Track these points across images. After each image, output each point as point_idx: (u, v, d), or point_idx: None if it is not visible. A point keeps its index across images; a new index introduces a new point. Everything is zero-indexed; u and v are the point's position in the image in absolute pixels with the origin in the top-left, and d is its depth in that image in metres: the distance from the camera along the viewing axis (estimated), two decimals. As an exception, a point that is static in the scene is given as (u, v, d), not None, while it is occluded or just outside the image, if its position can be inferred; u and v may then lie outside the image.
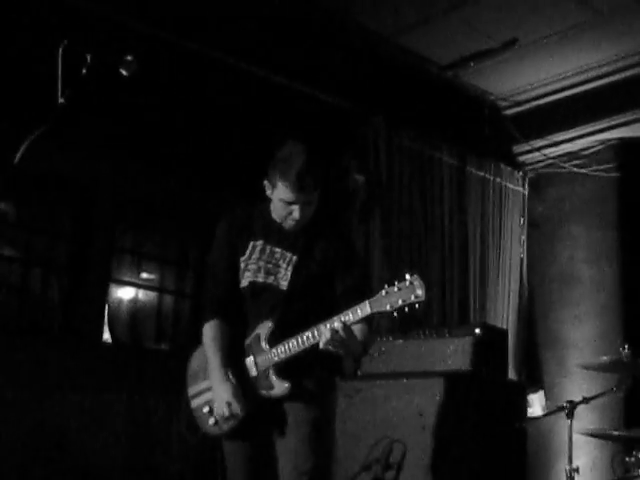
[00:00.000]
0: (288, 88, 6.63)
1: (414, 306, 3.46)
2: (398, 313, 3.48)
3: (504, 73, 7.56)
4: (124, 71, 3.25)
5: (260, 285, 3.91)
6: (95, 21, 5.48)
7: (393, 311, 3.47)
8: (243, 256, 3.97)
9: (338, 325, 3.53)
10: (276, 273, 3.88)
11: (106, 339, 6.40)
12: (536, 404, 7.35)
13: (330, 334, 3.52)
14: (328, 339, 3.53)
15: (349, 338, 3.57)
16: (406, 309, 3.46)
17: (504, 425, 5.55)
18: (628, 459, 5.25)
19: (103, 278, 6.39)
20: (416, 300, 3.44)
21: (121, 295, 6.68)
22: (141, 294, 6.83)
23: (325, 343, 3.54)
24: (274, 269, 3.89)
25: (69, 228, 6.31)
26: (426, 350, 5.74)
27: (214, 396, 3.86)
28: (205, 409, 3.96)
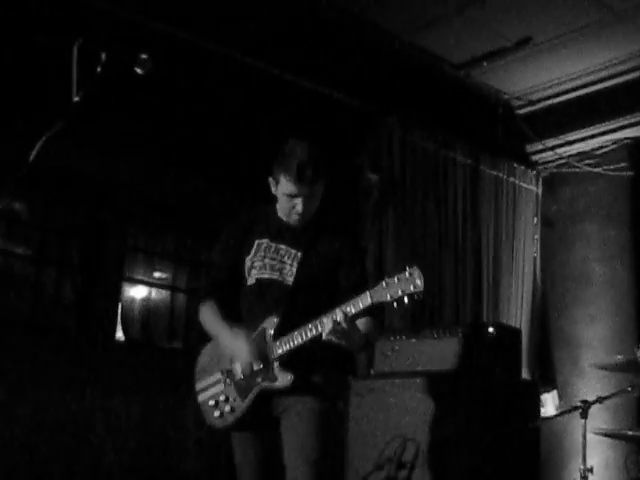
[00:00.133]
0: (302, 88, 6.64)
1: (413, 296, 3.51)
2: (398, 304, 3.53)
3: (518, 72, 7.54)
4: (139, 69, 3.25)
5: (266, 281, 3.96)
6: (110, 19, 5.50)
7: (393, 301, 3.52)
8: (249, 255, 4.03)
9: (340, 316, 3.58)
10: (281, 269, 3.94)
11: (119, 338, 6.43)
12: (549, 404, 7.35)
13: (332, 325, 3.57)
14: (330, 330, 3.58)
15: (351, 329, 3.63)
16: (406, 299, 3.51)
17: (517, 425, 5.54)
18: (642, 459, 5.25)
19: (116, 277, 6.41)
20: (415, 290, 3.48)
21: (134, 294, 6.70)
22: (154, 293, 6.84)
23: (327, 334, 3.59)
24: (279, 265, 3.95)
25: (82, 227, 6.33)
26: (439, 349, 5.74)
27: (234, 356, 3.91)
28: (211, 402, 4.00)
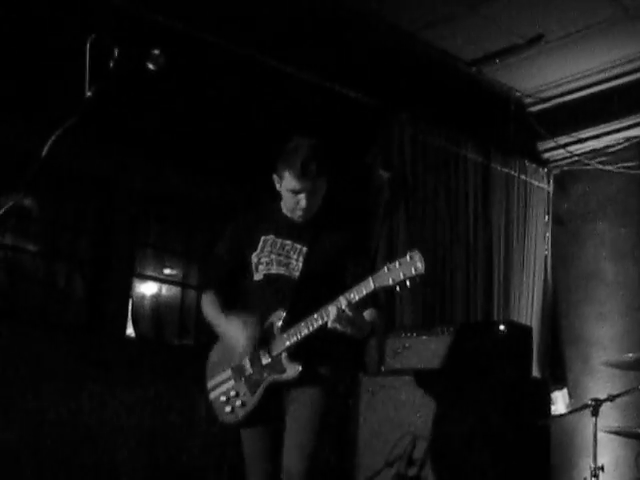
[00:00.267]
0: (314, 85, 6.64)
1: (415, 280, 3.55)
2: (400, 287, 3.58)
3: (529, 70, 7.51)
4: (151, 65, 3.24)
5: (274, 276, 4.01)
6: (123, 15, 5.50)
7: (395, 285, 3.57)
8: (255, 251, 4.07)
9: (344, 303, 3.63)
10: (288, 264, 3.99)
11: (129, 334, 6.44)
12: (560, 402, 7.32)
13: (336, 312, 3.62)
14: (335, 317, 3.62)
15: (355, 316, 3.67)
16: (408, 283, 3.55)
17: (527, 422, 5.54)
18: (652, 458, 5.23)
19: (126, 273, 6.43)
20: (417, 273, 3.53)
21: (144, 290, 6.71)
22: (164, 289, 6.85)
23: (332, 321, 3.64)
24: (286, 260, 4.00)
25: (93, 223, 6.34)
26: (450, 346, 5.73)
27: (233, 342, 3.97)
28: (222, 398, 4.04)
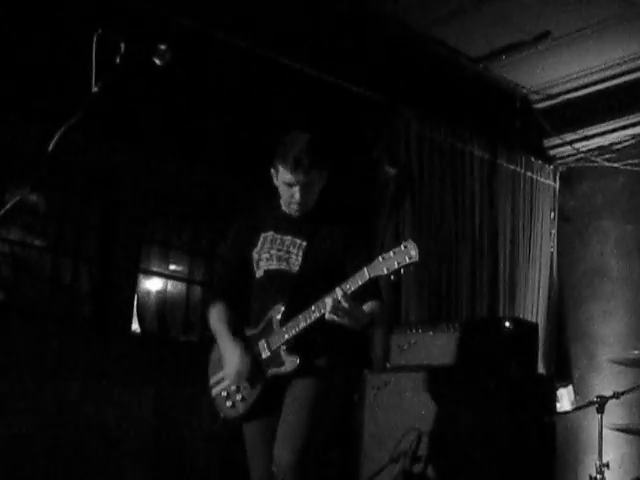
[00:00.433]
0: (321, 81, 6.63)
1: (410, 267, 3.57)
2: (395, 276, 3.60)
3: (536, 66, 7.50)
4: (157, 60, 3.24)
5: (274, 272, 4.03)
6: (130, 10, 5.50)
7: (390, 274, 3.59)
8: (256, 248, 4.10)
9: (339, 294, 3.63)
10: (288, 259, 4.01)
11: (135, 330, 6.44)
12: (565, 399, 7.32)
13: (332, 303, 3.63)
14: (331, 308, 3.63)
15: (352, 307, 3.67)
16: (402, 271, 3.57)
17: (533, 419, 5.54)
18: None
19: (132, 269, 6.42)
20: (411, 261, 3.55)
21: (149, 286, 6.70)
22: (170, 285, 6.85)
23: (329, 312, 3.65)
24: (286, 255, 4.02)
25: (99, 219, 6.33)
26: (455, 343, 5.72)
27: (227, 366, 3.98)
28: (223, 394, 4.08)
